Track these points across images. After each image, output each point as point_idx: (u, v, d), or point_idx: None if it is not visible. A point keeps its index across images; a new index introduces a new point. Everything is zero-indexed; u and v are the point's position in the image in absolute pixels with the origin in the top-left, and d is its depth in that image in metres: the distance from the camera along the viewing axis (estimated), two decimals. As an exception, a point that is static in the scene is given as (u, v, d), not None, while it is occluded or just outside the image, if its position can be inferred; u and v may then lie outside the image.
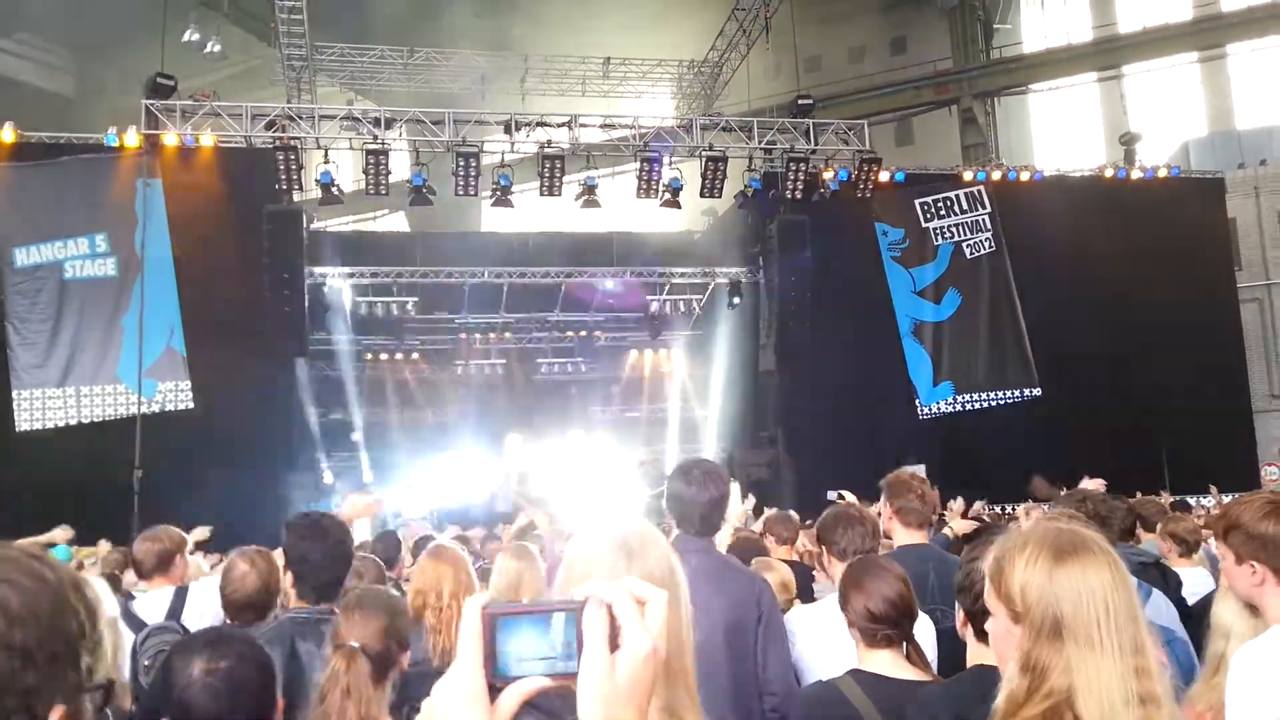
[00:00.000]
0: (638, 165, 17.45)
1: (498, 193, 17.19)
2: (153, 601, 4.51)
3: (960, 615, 2.73)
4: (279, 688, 2.40)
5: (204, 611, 4.39)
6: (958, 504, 9.63)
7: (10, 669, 1.01)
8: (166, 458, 14.88)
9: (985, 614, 2.07)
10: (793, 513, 8.10)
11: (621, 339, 23.87)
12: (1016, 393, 19.31)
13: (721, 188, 17.72)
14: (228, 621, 4.08)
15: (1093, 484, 6.78)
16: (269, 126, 16.51)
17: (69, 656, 1.06)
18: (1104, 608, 1.85)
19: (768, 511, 8.23)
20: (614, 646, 1.02)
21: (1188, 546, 5.60)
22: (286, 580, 3.80)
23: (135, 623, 4.31)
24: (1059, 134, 29.09)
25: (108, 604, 4.00)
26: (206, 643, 2.31)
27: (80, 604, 1.09)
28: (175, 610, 4.40)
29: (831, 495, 8.08)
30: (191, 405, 16.02)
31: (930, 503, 4.71)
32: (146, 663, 3.83)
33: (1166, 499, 11.10)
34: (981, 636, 2.39)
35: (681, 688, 1.46)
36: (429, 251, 20.80)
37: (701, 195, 17.85)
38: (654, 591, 1.07)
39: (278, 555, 3.92)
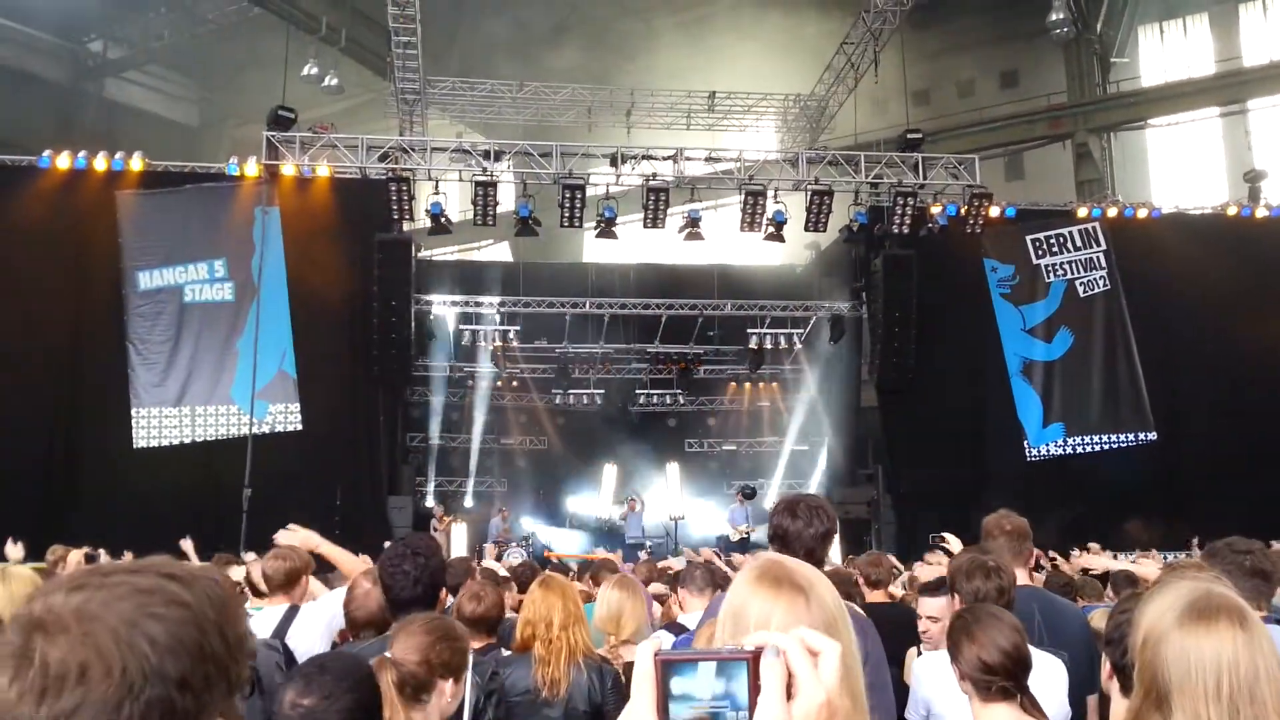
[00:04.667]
0: (741, 198, 17.40)
1: (602, 224, 17.29)
2: (265, 618, 4.63)
3: (1106, 667, 2.64)
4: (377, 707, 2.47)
5: (309, 633, 4.50)
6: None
7: (168, 698, 1.02)
8: (274, 477, 15.27)
9: (1133, 667, 1.96)
10: (889, 556, 7.84)
11: (721, 372, 23.77)
12: (1130, 436, 18.60)
13: (826, 222, 17.55)
14: (344, 639, 4.15)
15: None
16: (383, 158, 16.93)
17: (218, 672, 1.09)
18: (1214, 682, 1.71)
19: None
20: (789, 694, 1.03)
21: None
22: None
23: None
24: (1178, 170, 28.10)
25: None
26: (303, 676, 2.40)
27: (221, 617, 1.11)
28: (282, 629, 4.50)
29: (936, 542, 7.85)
30: (300, 427, 16.40)
31: (1019, 534, 4.56)
32: None
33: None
34: (1127, 691, 2.30)
35: None
36: (532, 281, 21.07)
37: (806, 229, 17.71)
38: (827, 643, 1.08)
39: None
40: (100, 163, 16.45)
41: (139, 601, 1.06)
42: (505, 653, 4.31)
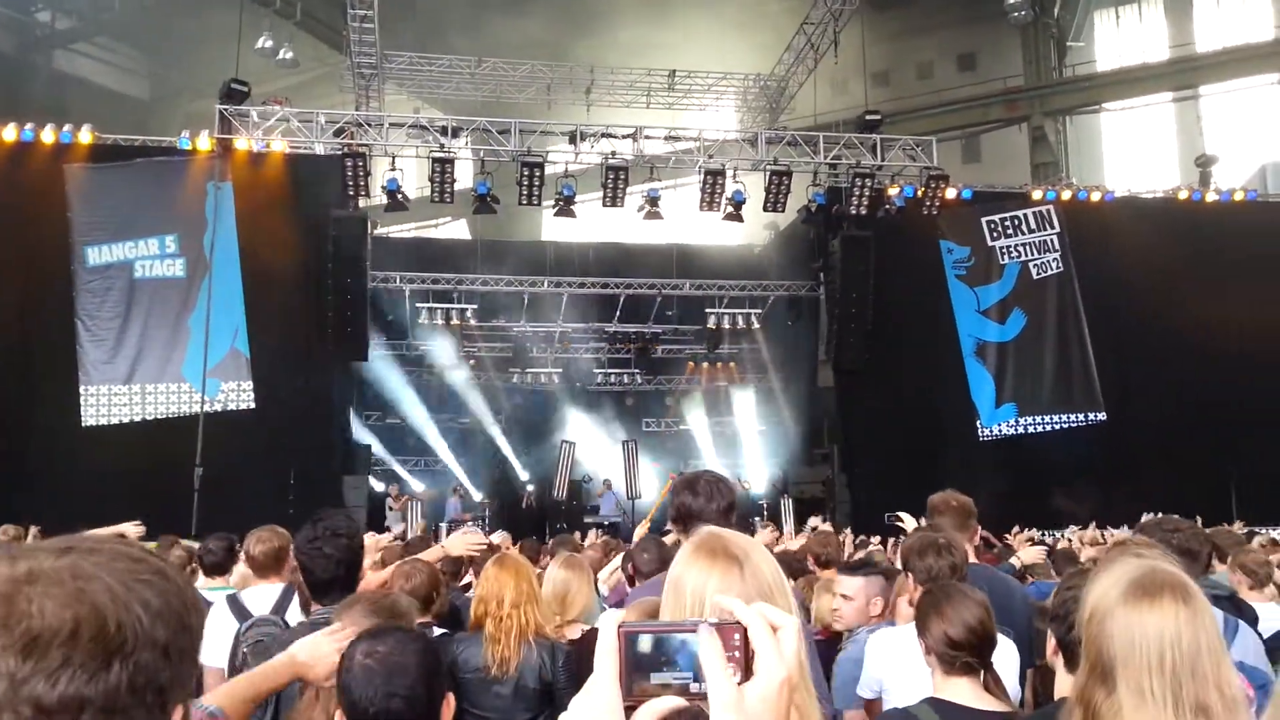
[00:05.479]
0: (700, 178, 17.39)
1: (560, 203, 17.23)
2: (261, 596, 4.72)
3: (1051, 643, 2.67)
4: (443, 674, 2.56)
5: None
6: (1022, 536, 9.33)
7: (153, 665, 1.01)
8: (227, 456, 15.10)
9: (1078, 643, 2.02)
10: (836, 531, 7.86)
11: (679, 351, 23.80)
12: (1081, 417, 18.92)
13: (785, 202, 17.60)
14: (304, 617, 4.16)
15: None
16: (339, 133, 16.71)
17: (192, 653, 1.08)
18: (1158, 657, 1.76)
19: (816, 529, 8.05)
20: (749, 671, 1.03)
21: (1258, 579, 5.39)
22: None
23: (242, 613, 4.50)
24: (1132, 154, 28.47)
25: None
26: (371, 633, 2.50)
27: (194, 598, 1.12)
28: (281, 606, 4.56)
29: (891, 519, 7.94)
30: (253, 405, 16.20)
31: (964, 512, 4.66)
32: (245, 650, 3.91)
33: (1240, 528, 10.83)
34: (1071, 666, 2.35)
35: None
36: (489, 260, 20.93)
37: (765, 209, 17.76)
38: (786, 618, 1.08)
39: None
40: (48, 135, 16.08)
41: (131, 567, 1.05)
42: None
